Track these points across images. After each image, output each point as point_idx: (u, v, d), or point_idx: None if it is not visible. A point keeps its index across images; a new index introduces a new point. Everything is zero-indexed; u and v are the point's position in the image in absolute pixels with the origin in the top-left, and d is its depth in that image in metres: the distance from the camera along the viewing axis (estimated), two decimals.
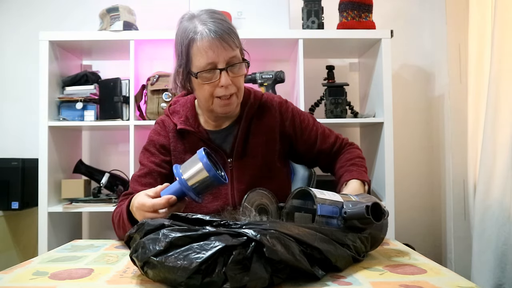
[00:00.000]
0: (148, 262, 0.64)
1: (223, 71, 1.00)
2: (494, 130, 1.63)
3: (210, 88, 1.02)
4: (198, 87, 1.04)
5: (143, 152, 1.15)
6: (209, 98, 1.04)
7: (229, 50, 1.00)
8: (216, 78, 1.00)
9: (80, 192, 2.01)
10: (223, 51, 0.99)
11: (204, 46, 0.98)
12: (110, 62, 2.33)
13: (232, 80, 1.02)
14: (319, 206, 0.81)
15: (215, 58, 0.99)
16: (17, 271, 0.76)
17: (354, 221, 0.80)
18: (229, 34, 1.00)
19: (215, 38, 0.97)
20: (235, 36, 1.02)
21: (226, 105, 1.04)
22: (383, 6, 2.31)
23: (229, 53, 1.00)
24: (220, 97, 1.03)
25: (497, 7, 1.61)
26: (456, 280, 0.68)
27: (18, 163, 1.98)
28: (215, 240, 0.62)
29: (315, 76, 2.15)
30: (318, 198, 0.82)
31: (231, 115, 1.12)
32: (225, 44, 0.99)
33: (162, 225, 0.68)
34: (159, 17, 2.32)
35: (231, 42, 1.00)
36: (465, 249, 1.92)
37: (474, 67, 1.88)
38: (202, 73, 1.00)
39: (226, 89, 1.01)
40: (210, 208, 1.08)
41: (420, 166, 2.38)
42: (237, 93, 1.05)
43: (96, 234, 2.30)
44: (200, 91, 1.05)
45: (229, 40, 0.99)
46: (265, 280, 0.62)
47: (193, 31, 1.00)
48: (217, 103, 1.04)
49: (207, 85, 1.01)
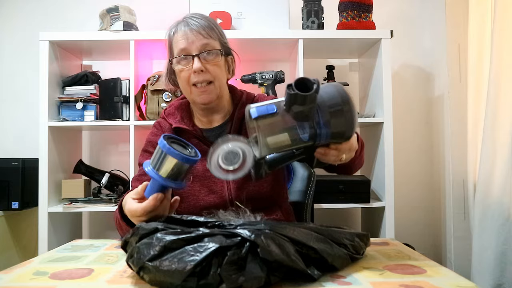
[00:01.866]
0: (143, 267, 0.64)
1: (196, 57, 1.05)
2: (494, 130, 1.63)
3: (185, 75, 1.07)
4: (178, 76, 1.10)
5: (142, 154, 1.18)
6: (186, 86, 1.08)
7: (202, 38, 1.06)
8: (190, 65, 1.06)
9: (80, 192, 2.01)
10: (196, 39, 1.05)
11: (179, 36, 1.07)
12: (110, 62, 2.33)
13: (207, 68, 1.06)
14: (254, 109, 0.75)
15: (188, 46, 1.05)
16: (17, 271, 0.76)
17: (292, 108, 0.73)
18: (204, 27, 1.06)
19: (189, 28, 1.06)
20: (211, 30, 1.08)
21: (203, 92, 1.07)
22: (383, 6, 2.31)
23: (202, 41, 1.06)
24: (196, 85, 1.07)
25: (497, 7, 1.61)
26: (456, 280, 0.68)
27: (18, 163, 1.98)
28: (209, 242, 0.62)
29: (315, 76, 2.14)
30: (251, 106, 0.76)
31: (215, 106, 1.13)
32: (198, 33, 1.05)
33: (156, 229, 0.68)
34: (159, 17, 2.32)
35: (204, 32, 1.06)
36: (465, 249, 1.92)
37: (474, 67, 1.88)
38: (177, 59, 1.07)
39: (199, 74, 1.05)
40: (207, 200, 1.09)
41: (420, 166, 2.38)
42: (214, 82, 1.08)
43: (96, 234, 2.30)
44: (179, 81, 1.11)
45: (203, 30, 1.06)
46: (261, 279, 0.62)
47: (173, 26, 1.10)
48: (195, 92, 1.08)
49: (183, 72, 1.07)
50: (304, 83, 0.73)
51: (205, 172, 1.09)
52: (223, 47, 1.11)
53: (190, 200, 1.10)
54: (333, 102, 0.78)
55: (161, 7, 2.34)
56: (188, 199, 1.10)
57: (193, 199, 1.10)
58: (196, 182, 1.10)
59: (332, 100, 0.78)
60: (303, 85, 0.73)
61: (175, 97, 1.96)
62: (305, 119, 0.76)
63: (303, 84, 0.73)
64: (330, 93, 0.79)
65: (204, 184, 1.10)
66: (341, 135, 0.81)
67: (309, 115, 0.76)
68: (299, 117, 0.75)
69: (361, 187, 1.95)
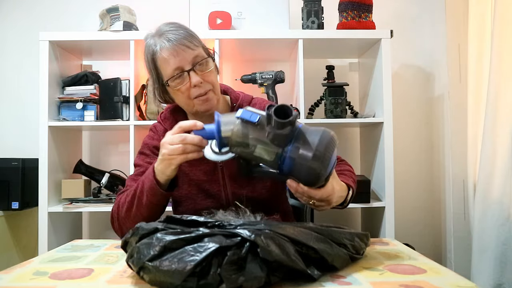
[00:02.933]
0: (143, 267, 0.64)
1: (191, 71, 1.03)
2: (494, 130, 1.63)
3: (185, 91, 1.05)
4: (175, 94, 1.08)
5: (138, 156, 1.17)
6: (188, 101, 1.07)
7: (189, 51, 1.03)
8: (187, 80, 1.03)
9: (80, 192, 2.01)
10: (185, 54, 1.02)
11: (166, 55, 1.02)
12: (110, 62, 2.33)
13: (203, 77, 1.04)
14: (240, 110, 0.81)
15: (179, 62, 1.02)
16: (17, 271, 0.76)
17: (268, 127, 0.77)
18: (186, 37, 1.03)
19: (173, 44, 1.02)
20: (193, 38, 1.06)
21: (206, 101, 1.07)
22: (383, 6, 2.31)
23: (191, 53, 1.03)
24: (197, 97, 1.06)
25: (497, 7, 1.61)
26: (456, 280, 0.68)
27: (18, 163, 1.98)
28: (209, 242, 0.62)
29: (315, 76, 2.15)
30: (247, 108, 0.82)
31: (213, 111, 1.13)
32: (184, 47, 1.02)
33: (156, 229, 0.68)
34: (159, 17, 2.32)
35: (189, 44, 1.03)
36: (465, 249, 1.92)
37: (473, 67, 1.88)
38: (172, 79, 1.04)
39: (199, 87, 1.04)
40: (204, 204, 1.09)
41: (420, 166, 2.38)
42: (212, 89, 1.07)
43: (96, 234, 2.30)
44: (178, 98, 1.09)
45: (187, 42, 1.03)
46: (261, 279, 0.62)
47: (153, 45, 1.04)
48: (197, 103, 1.07)
49: (181, 89, 1.05)
50: (286, 110, 0.76)
51: (202, 176, 1.09)
52: (206, 51, 1.09)
53: (188, 204, 1.10)
54: (306, 151, 0.77)
55: (161, 7, 2.34)
56: (186, 202, 1.10)
57: (191, 203, 1.10)
58: (193, 186, 1.10)
59: (308, 148, 0.77)
60: (285, 112, 0.75)
61: None
62: (275, 143, 0.78)
63: (285, 111, 0.75)
64: (312, 140, 0.78)
65: (201, 188, 1.10)
66: (301, 180, 0.83)
67: (279, 140, 0.78)
68: (271, 137, 0.78)
69: (361, 187, 1.94)
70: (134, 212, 1.01)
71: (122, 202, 1.05)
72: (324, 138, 0.78)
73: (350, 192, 1.02)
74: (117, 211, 1.06)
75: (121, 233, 1.07)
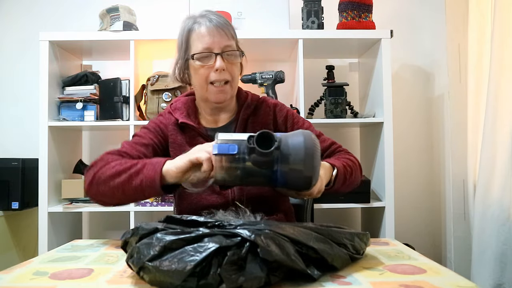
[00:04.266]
0: (143, 267, 0.64)
1: (218, 55, 1.06)
2: (494, 130, 1.63)
3: (205, 72, 1.07)
4: (194, 72, 1.09)
5: (142, 130, 1.15)
6: (204, 84, 1.08)
7: (225, 38, 1.07)
8: (211, 62, 1.06)
9: (80, 192, 2.01)
10: (219, 38, 1.06)
11: (202, 32, 1.06)
12: (110, 62, 2.33)
13: (227, 67, 1.07)
14: (215, 146, 0.79)
15: (211, 44, 1.06)
16: (17, 271, 0.76)
17: (251, 156, 0.77)
18: (226, 25, 1.08)
19: (213, 25, 1.06)
20: (231, 29, 1.10)
21: (220, 92, 1.08)
22: (383, 6, 2.31)
23: (225, 41, 1.07)
24: (214, 83, 1.07)
25: (497, 7, 1.61)
26: (456, 280, 0.68)
27: (18, 163, 1.98)
28: (209, 242, 0.62)
29: (315, 76, 2.15)
30: (218, 139, 0.80)
31: (225, 106, 1.14)
32: (222, 32, 1.06)
33: (156, 229, 0.68)
34: (159, 17, 2.32)
35: (227, 32, 1.07)
36: (465, 249, 1.92)
37: (473, 67, 1.88)
38: (199, 55, 1.06)
39: (220, 73, 1.06)
40: (209, 200, 1.09)
41: (420, 166, 2.38)
42: (231, 82, 1.09)
43: (96, 234, 2.30)
44: (196, 77, 1.10)
45: (225, 29, 1.07)
46: (261, 279, 0.62)
47: (193, 22, 1.09)
48: (212, 90, 1.08)
49: (203, 69, 1.07)
50: (267, 136, 0.76)
51: None
52: (238, 47, 1.13)
53: (193, 199, 1.10)
54: (296, 158, 0.78)
55: (161, 7, 2.34)
56: (191, 197, 1.10)
57: (196, 198, 1.10)
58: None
59: (296, 156, 0.78)
60: (266, 138, 0.75)
61: (175, 97, 1.96)
62: (262, 168, 0.79)
63: (266, 137, 0.76)
64: (296, 146, 0.79)
65: None
66: (298, 189, 0.85)
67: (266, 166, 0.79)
68: (256, 164, 0.78)
69: (361, 187, 1.94)
70: (117, 184, 0.94)
71: (111, 166, 0.97)
72: (308, 147, 0.79)
73: (335, 172, 1.02)
74: (99, 169, 0.98)
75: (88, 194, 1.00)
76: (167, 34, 1.94)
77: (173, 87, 1.95)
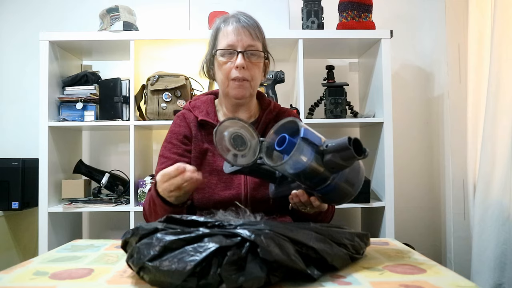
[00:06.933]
0: (143, 267, 0.64)
1: (240, 53, 1.09)
2: (494, 130, 1.63)
3: (227, 69, 1.10)
4: (218, 68, 1.13)
5: (165, 146, 1.18)
6: (225, 79, 1.12)
7: (249, 38, 1.10)
8: (233, 60, 1.10)
9: (80, 192, 2.01)
10: (244, 37, 1.10)
11: (229, 30, 1.11)
12: (110, 62, 2.33)
13: (248, 66, 1.09)
14: (302, 129, 0.76)
15: (236, 42, 1.10)
16: (17, 271, 0.76)
17: (335, 155, 0.75)
18: (253, 26, 1.12)
19: (239, 25, 1.11)
20: (258, 31, 1.14)
21: (239, 87, 1.11)
22: (383, 6, 2.32)
23: (249, 40, 1.10)
24: (234, 79, 1.10)
25: (497, 7, 1.62)
26: (456, 280, 0.68)
27: (18, 163, 1.98)
28: (209, 242, 0.62)
29: (315, 76, 2.16)
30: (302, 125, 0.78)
31: (244, 103, 1.17)
32: (247, 32, 1.10)
33: (155, 229, 0.68)
34: (159, 17, 2.32)
35: (252, 33, 1.11)
36: (465, 249, 1.92)
37: (473, 67, 1.88)
38: (222, 51, 1.11)
39: (240, 70, 1.09)
40: (222, 195, 1.09)
41: (420, 166, 2.38)
42: (251, 82, 1.12)
43: (96, 234, 2.30)
44: (218, 73, 1.14)
45: (251, 30, 1.11)
46: (261, 279, 0.62)
47: (223, 20, 1.15)
48: (232, 85, 1.11)
49: (225, 65, 1.11)
50: (356, 142, 0.77)
51: None
52: (264, 50, 1.15)
53: (206, 192, 1.10)
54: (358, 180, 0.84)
55: (161, 7, 2.34)
56: (204, 191, 1.10)
57: (209, 192, 1.10)
58: (214, 175, 1.11)
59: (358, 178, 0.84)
60: (355, 143, 0.77)
61: (175, 97, 1.96)
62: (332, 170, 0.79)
63: (355, 142, 0.77)
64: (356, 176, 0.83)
65: (221, 179, 1.10)
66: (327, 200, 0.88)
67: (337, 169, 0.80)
68: (331, 164, 0.78)
69: (361, 187, 1.95)
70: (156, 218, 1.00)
71: (147, 203, 1.07)
72: (363, 171, 0.85)
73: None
74: (145, 210, 1.10)
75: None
76: (167, 34, 1.94)
77: (173, 87, 1.95)
